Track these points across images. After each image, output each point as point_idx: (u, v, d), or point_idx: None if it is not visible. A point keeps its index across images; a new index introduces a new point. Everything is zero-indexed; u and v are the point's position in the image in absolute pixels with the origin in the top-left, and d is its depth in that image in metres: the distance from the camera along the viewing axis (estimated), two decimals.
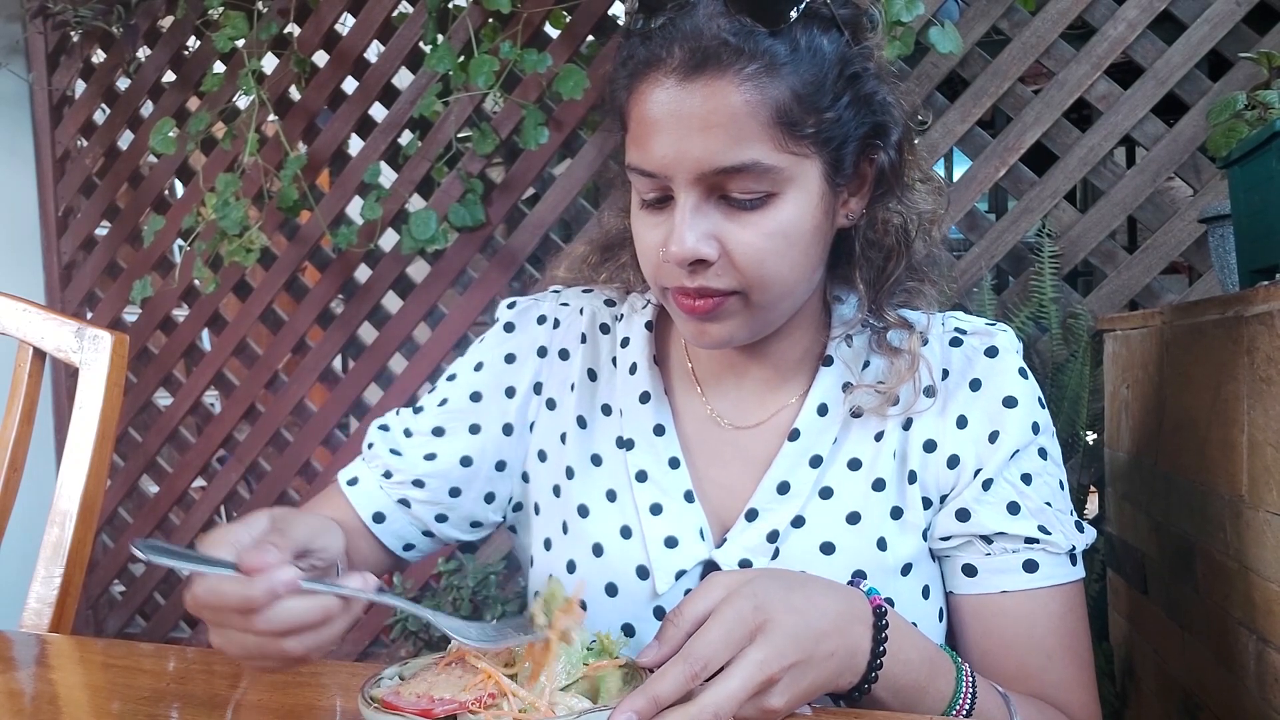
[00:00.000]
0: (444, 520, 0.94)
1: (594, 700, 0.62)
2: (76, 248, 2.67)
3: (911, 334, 0.85)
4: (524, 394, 0.95)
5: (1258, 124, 1.12)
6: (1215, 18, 1.74)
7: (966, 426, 0.84)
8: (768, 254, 0.76)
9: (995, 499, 0.82)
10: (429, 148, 2.21)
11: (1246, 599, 0.96)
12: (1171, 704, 1.23)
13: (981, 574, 0.82)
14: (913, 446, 0.85)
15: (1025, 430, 0.83)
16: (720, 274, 0.77)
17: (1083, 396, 1.68)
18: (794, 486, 0.84)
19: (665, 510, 0.88)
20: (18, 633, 0.93)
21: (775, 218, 0.76)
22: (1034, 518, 0.81)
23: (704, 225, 0.76)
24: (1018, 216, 1.88)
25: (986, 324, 0.89)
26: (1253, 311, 0.93)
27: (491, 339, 0.98)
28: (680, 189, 0.76)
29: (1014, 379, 0.84)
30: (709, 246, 0.76)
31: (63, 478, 1.04)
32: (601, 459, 0.92)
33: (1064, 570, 0.82)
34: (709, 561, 0.86)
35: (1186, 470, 1.15)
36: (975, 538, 0.82)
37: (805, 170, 0.77)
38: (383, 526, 0.93)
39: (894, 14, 1.66)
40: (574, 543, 0.90)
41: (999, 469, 0.82)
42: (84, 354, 1.06)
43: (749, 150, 0.74)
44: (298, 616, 0.61)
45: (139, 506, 2.66)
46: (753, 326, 0.81)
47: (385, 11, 2.25)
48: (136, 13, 2.47)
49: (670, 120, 0.75)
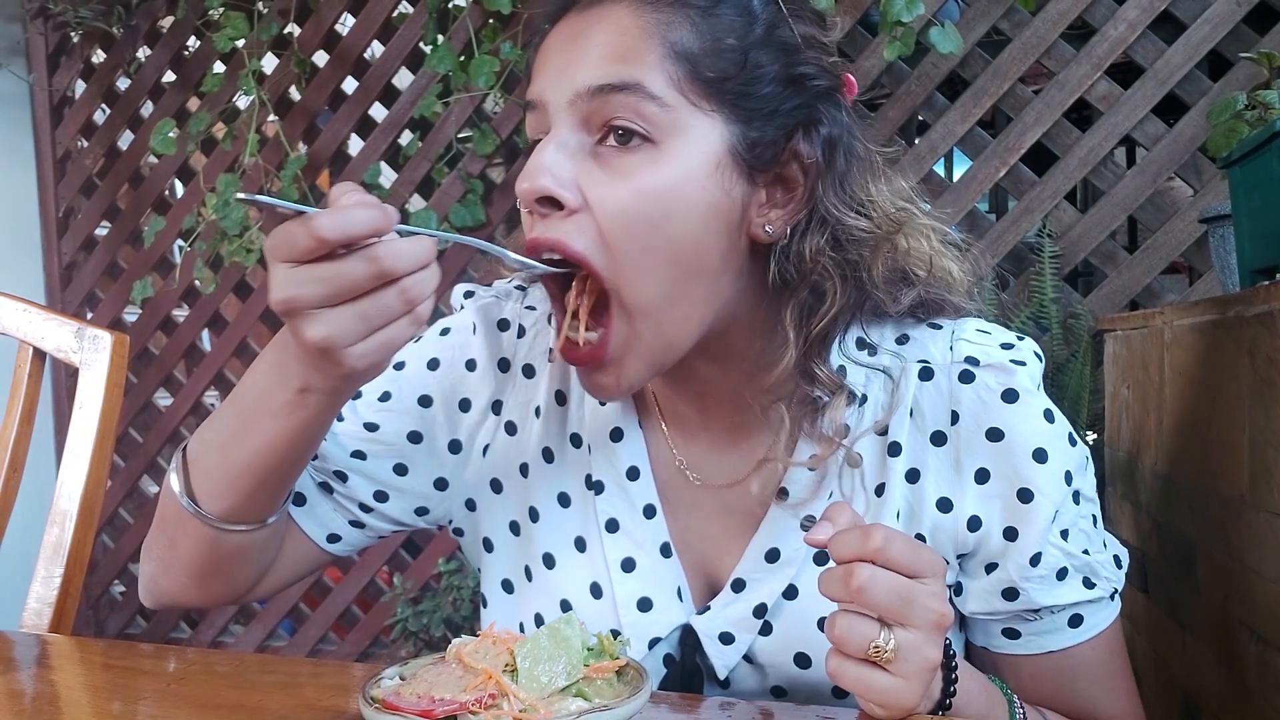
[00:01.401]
0: (369, 512, 0.84)
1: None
2: (77, 248, 2.67)
3: (837, 398, 0.72)
4: (480, 411, 0.83)
5: (1258, 124, 1.12)
6: (1215, 18, 1.74)
7: (988, 482, 0.73)
8: (636, 214, 0.65)
9: (1045, 571, 0.73)
10: (429, 148, 2.21)
11: (1247, 599, 0.96)
12: (1172, 704, 1.23)
13: (1026, 636, 0.76)
14: (923, 504, 0.74)
15: (1059, 485, 0.72)
16: (579, 230, 0.66)
17: (1083, 396, 1.68)
18: (784, 553, 0.75)
19: (639, 566, 0.78)
20: (18, 633, 0.93)
21: (653, 173, 0.65)
22: (1078, 574, 0.74)
23: (564, 163, 0.66)
24: (1018, 216, 1.88)
25: (1003, 346, 0.76)
26: (1253, 311, 0.93)
27: (455, 336, 0.85)
28: (554, 120, 0.67)
29: (1040, 427, 0.72)
30: (565, 189, 0.66)
31: (63, 478, 1.04)
32: (570, 499, 0.81)
33: (1106, 614, 0.77)
34: (686, 627, 0.77)
35: (1187, 471, 1.15)
36: (1023, 611, 0.75)
37: (701, 126, 0.66)
38: (303, 511, 0.83)
39: (894, 14, 1.66)
40: (539, 594, 0.81)
41: (1043, 538, 0.72)
42: (84, 354, 1.06)
43: (632, 70, 0.65)
44: (418, 251, 0.57)
45: (139, 506, 2.66)
46: (647, 354, 0.68)
47: (385, 11, 2.25)
48: (137, 13, 2.47)
49: (560, 45, 0.69)
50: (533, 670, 0.61)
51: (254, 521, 0.75)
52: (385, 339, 0.59)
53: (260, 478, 0.71)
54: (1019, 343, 0.77)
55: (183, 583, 0.80)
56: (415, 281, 0.58)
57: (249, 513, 0.74)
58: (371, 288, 0.57)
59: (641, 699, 0.61)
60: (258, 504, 0.74)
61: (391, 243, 0.57)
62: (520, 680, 0.61)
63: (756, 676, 0.77)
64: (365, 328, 0.58)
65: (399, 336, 0.60)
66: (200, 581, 0.79)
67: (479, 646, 0.64)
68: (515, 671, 0.62)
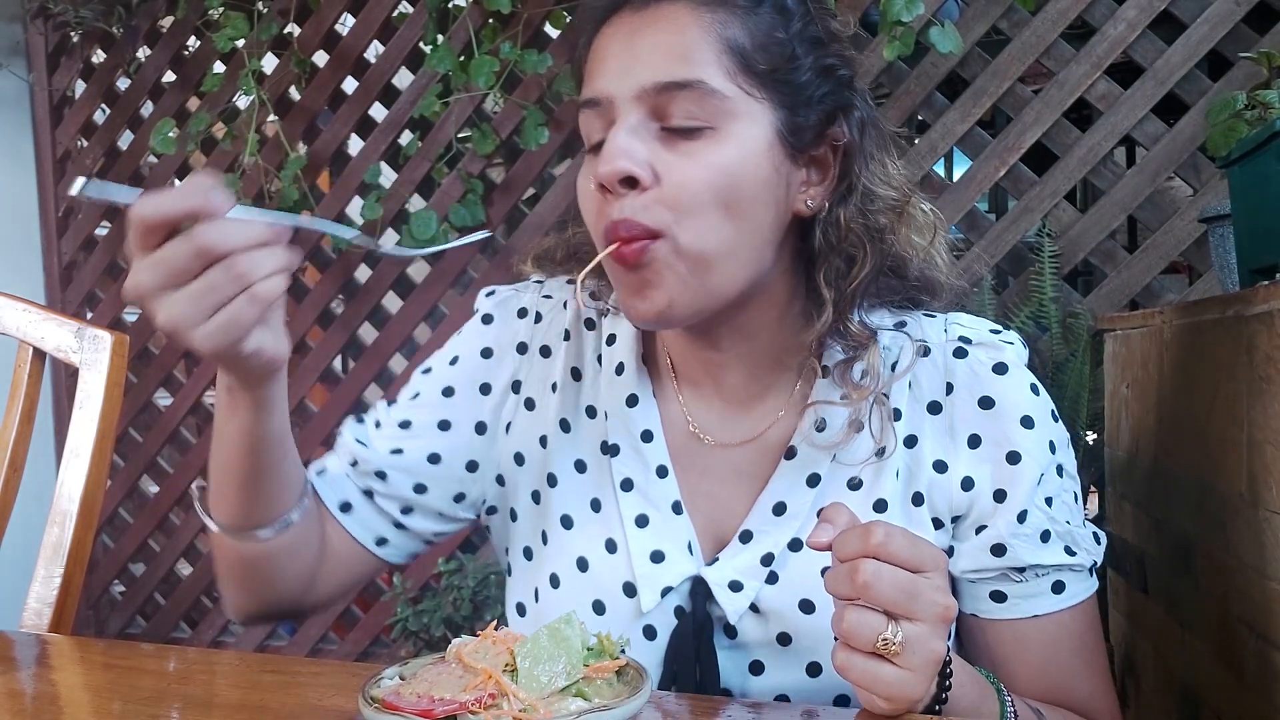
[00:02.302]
0: (410, 513, 0.90)
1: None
2: (77, 248, 2.67)
3: (871, 348, 0.79)
4: (500, 392, 0.90)
5: (1257, 124, 1.12)
6: (1215, 17, 1.74)
7: (980, 447, 0.80)
8: (704, 186, 0.72)
9: (1030, 530, 0.79)
10: (429, 148, 2.21)
11: (1246, 597, 0.96)
12: (1171, 702, 1.23)
13: (1011, 600, 0.80)
14: (920, 466, 0.80)
15: (1044, 451, 0.79)
16: (649, 206, 0.72)
17: (1083, 396, 1.68)
18: (790, 507, 0.81)
19: (651, 522, 0.84)
20: (18, 633, 0.93)
21: (717, 152, 0.72)
22: (1061, 540, 0.79)
23: (638, 146, 0.72)
24: (1018, 216, 1.88)
25: (991, 331, 0.84)
26: (1252, 311, 0.93)
27: (469, 331, 0.93)
28: (621, 111, 0.73)
29: (1028, 397, 0.80)
30: (641, 168, 0.71)
31: (63, 478, 1.04)
32: (586, 465, 0.88)
33: (1085, 585, 0.81)
34: (697, 578, 0.82)
35: (1186, 469, 1.15)
36: (1009, 570, 0.79)
37: (754, 112, 0.74)
38: (350, 517, 0.89)
39: (894, 14, 1.66)
40: (556, 555, 0.87)
41: (1029, 498, 0.78)
42: (84, 354, 1.06)
43: (695, 69, 0.72)
44: (239, 231, 0.60)
45: (139, 506, 2.66)
46: (692, 291, 0.74)
47: (385, 11, 2.25)
48: (137, 13, 2.47)
49: (620, 45, 0.74)
50: (532, 670, 0.62)
51: (260, 526, 0.80)
52: (225, 319, 0.61)
53: (239, 481, 0.77)
54: (1005, 330, 0.85)
55: (234, 596, 0.87)
56: (246, 259, 0.60)
57: (250, 518, 0.79)
58: (200, 269, 0.60)
59: (641, 699, 0.61)
60: (252, 508, 0.79)
61: (212, 223, 0.59)
62: (520, 680, 0.61)
63: (762, 625, 0.81)
64: (202, 309, 0.60)
65: (239, 315, 0.61)
66: (247, 593, 0.86)
67: (479, 646, 0.64)
68: (515, 671, 0.62)
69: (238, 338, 0.63)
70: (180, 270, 0.60)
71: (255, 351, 0.65)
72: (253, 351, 0.65)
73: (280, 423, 0.75)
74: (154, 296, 0.60)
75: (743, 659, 0.82)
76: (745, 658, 0.82)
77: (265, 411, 0.73)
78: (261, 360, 0.67)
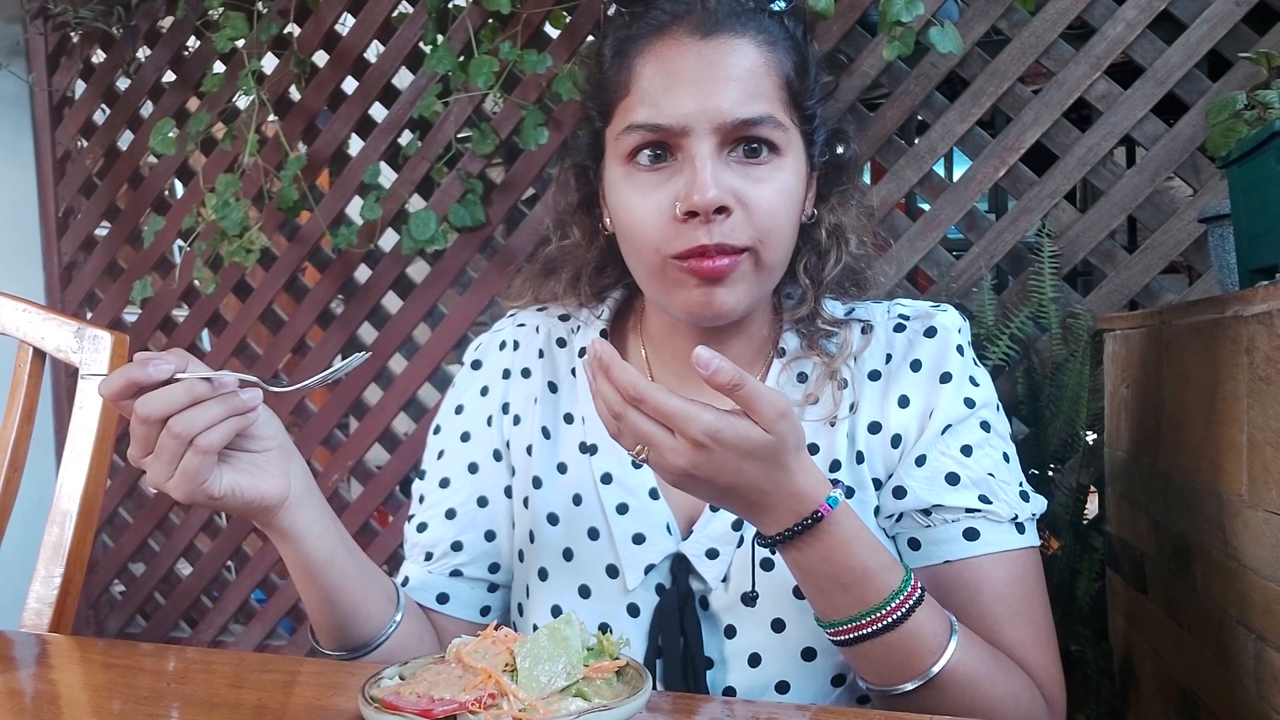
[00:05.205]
0: (497, 570, 0.98)
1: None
2: (76, 248, 2.67)
3: (845, 329, 0.90)
4: (498, 417, 0.99)
5: (1257, 124, 1.12)
6: (1214, 18, 1.74)
7: (908, 406, 0.87)
8: (780, 208, 0.81)
9: (930, 472, 0.85)
10: (429, 148, 2.21)
11: (1245, 598, 0.96)
12: (1170, 702, 1.23)
13: (924, 546, 0.85)
14: (859, 428, 0.88)
15: (958, 404, 0.86)
16: (736, 228, 0.79)
17: (1082, 396, 1.68)
18: None
19: (632, 509, 0.90)
20: (18, 633, 0.93)
21: (782, 177, 0.81)
22: (974, 488, 0.84)
23: (725, 177, 0.79)
24: (1017, 216, 1.88)
25: (930, 306, 0.92)
26: (1252, 311, 0.93)
27: (464, 380, 1.02)
28: (697, 141, 0.79)
29: (951, 356, 0.87)
30: (730, 198, 0.78)
31: (63, 478, 1.04)
32: (566, 466, 0.95)
33: (1009, 538, 0.84)
34: (677, 555, 0.89)
35: (1185, 470, 1.15)
36: (914, 512, 0.85)
37: (796, 142, 0.83)
38: (450, 604, 0.97)
39: (894, 14, 1.66)
40: (543, 550, 0.93)
41: (931, 443, 0.85)
42: (84, 354, 1.06)
43: (766, 105, 0.80)
44: (165, 398, 0.68)
45: (139, 506, 2.66)
46: (755, 293, 0.83)
47: (385, 11, 2.25)
48: (136, 13, 2.47)
49: (693, 73, 0.79)
50: (532, 670, 0.62)
51: (357, 649, 0.87)
52: (182, 470, 0.70)
53: (314, 606, 0.84)
54: (943, 307, 0.94)
55: None
56: (178, 421, 0.68)
57: (343, 640, 0.87)
58: (156, 435, 0.70)
59: (641, 699, 0.61)
60: (338, 632, 0.86)
61: (146, 396, 0.69)
62: (520, 680, 0.61)
63: (731, 588, 0.88)
64: (165, 466, 0.70)
65: (188, 467, 0.70)
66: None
67: (479, 646, 0.64)
68: (515, 671, 0.62)
69: (197, 485, 0.71)
70: (145, 438, 0.70)
71: (230, 493, 0.72)
72: (226, 494, 0.72)
73: (321, 548, 0.80)
74: (141, 462, 0.71)
75: (716, 626, 0.88)
76: (718, 624, 0.88)
77: (296, 540, 0.79)
78: (244, 500, 0.73)
